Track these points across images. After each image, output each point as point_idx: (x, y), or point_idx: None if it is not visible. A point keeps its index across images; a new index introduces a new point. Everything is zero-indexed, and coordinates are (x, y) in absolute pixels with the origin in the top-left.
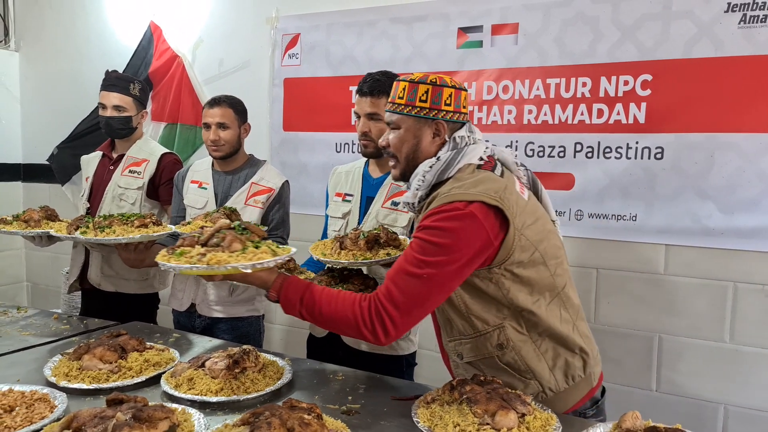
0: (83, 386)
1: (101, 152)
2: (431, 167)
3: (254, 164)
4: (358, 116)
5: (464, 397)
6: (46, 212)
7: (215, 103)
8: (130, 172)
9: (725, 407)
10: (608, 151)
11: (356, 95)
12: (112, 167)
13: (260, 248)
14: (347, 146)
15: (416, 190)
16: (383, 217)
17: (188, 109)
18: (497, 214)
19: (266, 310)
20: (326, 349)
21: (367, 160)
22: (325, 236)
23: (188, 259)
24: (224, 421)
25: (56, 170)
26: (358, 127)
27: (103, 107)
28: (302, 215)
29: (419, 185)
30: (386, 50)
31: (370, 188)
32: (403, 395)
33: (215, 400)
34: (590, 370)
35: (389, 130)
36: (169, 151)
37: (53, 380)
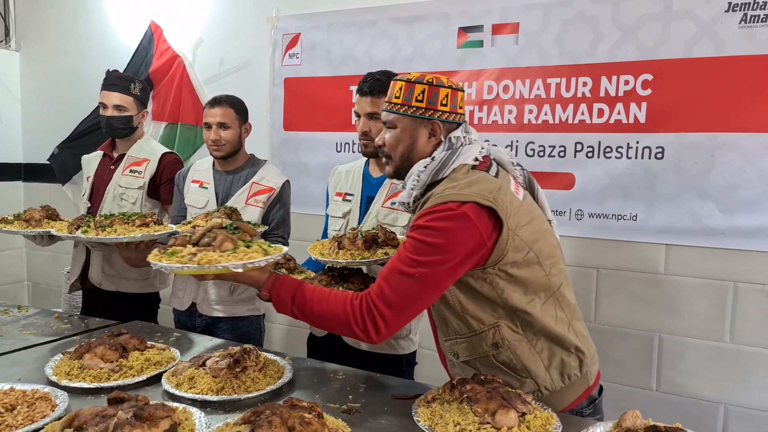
0: (84, 385)
1: (102, 152)
2: (426, 167)
3: (255, 164)
4: (358, 116)
5: (464, 396)
6: (47, 212)
7: (216, 102)
8: (130, 171)
9: (725, 407)
10: (609, 150)
11: (356, 95)
12: (112, 167)
13: (251, 247)
14: (348, 146)
15: (411, 189)
16: (383, 216)
17: (189, 108)
18: (491, 214)
19: (267, 309)
20: (327, 348)
21: (367, 159)
22: (325, 236)
23: (179, 258)
24: (225, 419)
25: (57, 170)
26: (358, 126)
27: (103, 107)
28: (303, 215)
29: (414, 185)
30: (387, 50)
31: (370, 188)
32: (403, 394)
33: (216, 399)
34: (587, 369)
35: (385, 129)
36: (169, 150)
37: (54, 379)
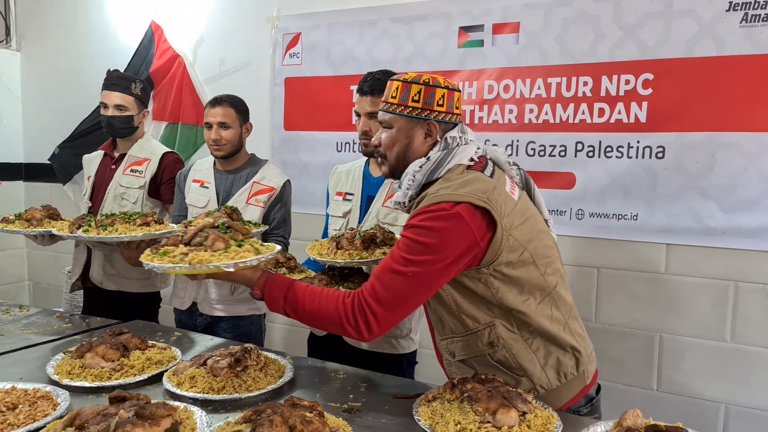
0: (86, 384)
1: (103, 151)
2: (421, 167)
3: (256, 163)
4: (358, 115)
5: (465, 395)
6: (48, 211)
7: (217, 102)
8: (131, 171)
9: (726, 406)
10: (609, 150)
11: (357, 94)
12: (113, 166)
13: (243, 247)
14: (348, 145)
15: (407, 189)
16: (384, 216)
17: (189, 108)
18: (484, 214)
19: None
20: (327, 347)
21: (367, 159)
22: (326, 235)
23: (171, 258)
24: (226, 418)
25: (58, 170)
26: (358, 126)
27: (104, 106)
28: (303, 214)
29: (409, 185)
30: (387, 50)
31: (370, 187)
32: (404, 393)
33: (217, 398)
34: (583, 368)
35: (381, 129)
36: (170, 150)
37: (56, 378)
